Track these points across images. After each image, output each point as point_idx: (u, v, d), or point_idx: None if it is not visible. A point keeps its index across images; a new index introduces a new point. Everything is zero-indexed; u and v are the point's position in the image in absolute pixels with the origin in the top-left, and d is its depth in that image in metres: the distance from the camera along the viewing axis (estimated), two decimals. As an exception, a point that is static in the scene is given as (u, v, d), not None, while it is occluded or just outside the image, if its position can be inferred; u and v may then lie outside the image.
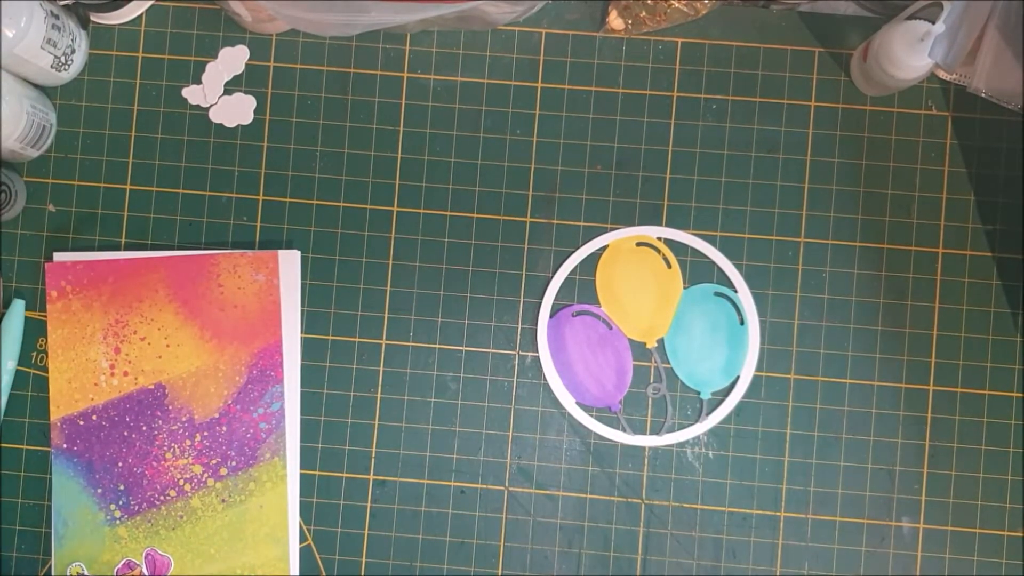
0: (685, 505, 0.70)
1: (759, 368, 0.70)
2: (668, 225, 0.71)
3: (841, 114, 0.71)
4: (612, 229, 0.71)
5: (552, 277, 0.71)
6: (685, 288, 0.71)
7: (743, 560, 0.70)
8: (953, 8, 0.63)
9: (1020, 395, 0.70)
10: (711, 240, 0.71)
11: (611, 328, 0.71)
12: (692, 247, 0.71)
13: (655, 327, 0.71)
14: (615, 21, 0.71)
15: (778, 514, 0.70)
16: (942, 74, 0.70)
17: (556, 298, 0.71)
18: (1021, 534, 0.69)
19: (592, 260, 0.71)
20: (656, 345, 0.71)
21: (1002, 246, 0.71)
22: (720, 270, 0.71)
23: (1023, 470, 0.70)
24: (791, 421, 0.70)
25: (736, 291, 0.70)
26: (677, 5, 0.70)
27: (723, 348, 0.70)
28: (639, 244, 0.71)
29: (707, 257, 0.71)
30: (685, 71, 0.72)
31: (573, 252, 0.71)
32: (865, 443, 0.70)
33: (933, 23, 0.62)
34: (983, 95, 0.67)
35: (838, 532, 0.70)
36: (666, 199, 0.71)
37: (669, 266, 0.71)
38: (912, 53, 0.64)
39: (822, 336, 0.71)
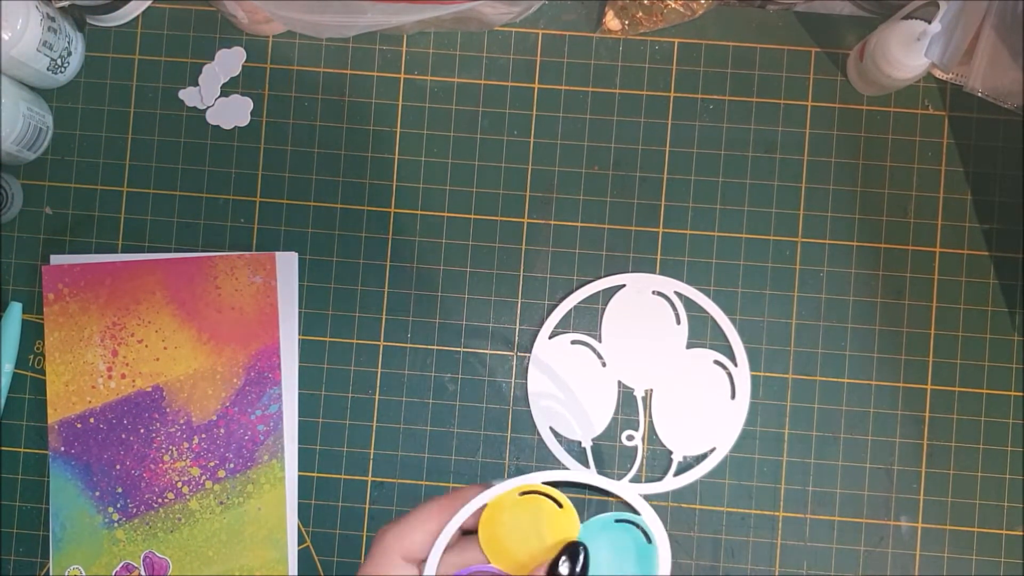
0: (683, 505, 0.70)
1: (756, 368, 0.70)
2: (666, 227, 0.71)
3: (838, 114, 0.72)
4: (610, 227, 0.71)
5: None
6: (583, 523, 0.61)
7: (742, 560, 0.70)
8: (949, 8, 0.63)
9: (1018, 394, 0.70)
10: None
11: None
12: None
13: None
14: (612, 22, 0.71)
15: (776, 514, 0.70)
16: (939, 73, 0.70)
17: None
18: (1020, 533, 0.69)
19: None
20: None
21: (999, 245, 0.71)
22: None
23: (1022, 469, 0.70)
24: (789, 421, 0.70)
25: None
26: (674, 5, 0.70)
27: (632, 569, 0.65)
28: (522, 494, 0.59)
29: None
30: (682, 71, 0.72)
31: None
32: (863, 442, 0.70)
33: (929, 23, 0.62)
34: (980, 94, 0.67)
35: (836, 532, 0.70)
36: (663, 199, 0.71)
37: (561, 506, 0.59)
38: (908, 53, 0.64)
39: (820, 336, 0.71)
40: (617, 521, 0.63)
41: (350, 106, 0.72)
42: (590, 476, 0.67)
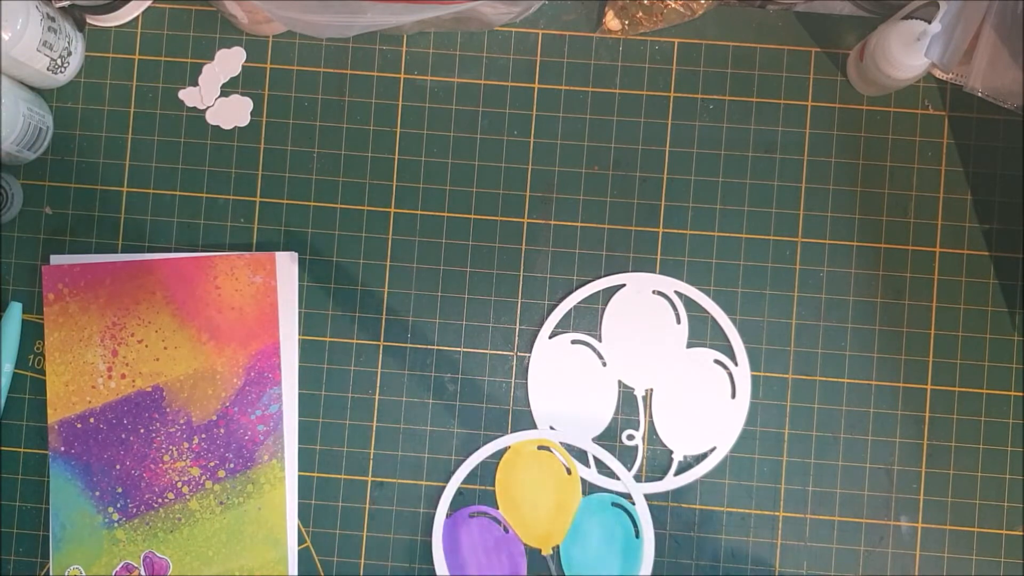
0: (683, 505, 0.70)
1: (756, 368, 0.71)
2: (666, 227, 0.71)
3: (838, 114, 0.72)
4: (610, 227, 0.71)
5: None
6: (583, 496, 0.69)
7: (742, 560, 0.70)
8: (949, 8, 0.63)
9: (1018, 394, 0.70)
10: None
11: (507, 532, 0.69)
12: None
13: (552, 534, 0.69)
14: (612, 22, 0.71)
15: (777, 514, 0.70)
16: (939, 73, 0.70)
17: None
18: (1020, 533, 0.69)
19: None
20: (552, 552, 0.69)
21: (999, 245, 0.71)
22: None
23: (1022, 469, 0.70)
24: (789, 421, 0.70)
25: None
26: (674, 5, 0.70)
27: (616, 560, 0.69)
28: (540, 448, 0.69)
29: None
30: (682, 71, 0.72)
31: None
32: (863, 442, 0.70)
33: (929, 23, 0.62)
34: (979, 94, 0.67)
35: (836, 532, 0.70)
36: (663, 199, 0.71)
37: (569, 473, 0.69)
38: (908, 53, 0.64)
39: (820, 336, 0.71)
40: (613, 504, 0.68)
41: (350, 106, 0.72)
42: (604, 454, 0.70)
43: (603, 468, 0.70)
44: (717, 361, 0.70)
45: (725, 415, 0.70)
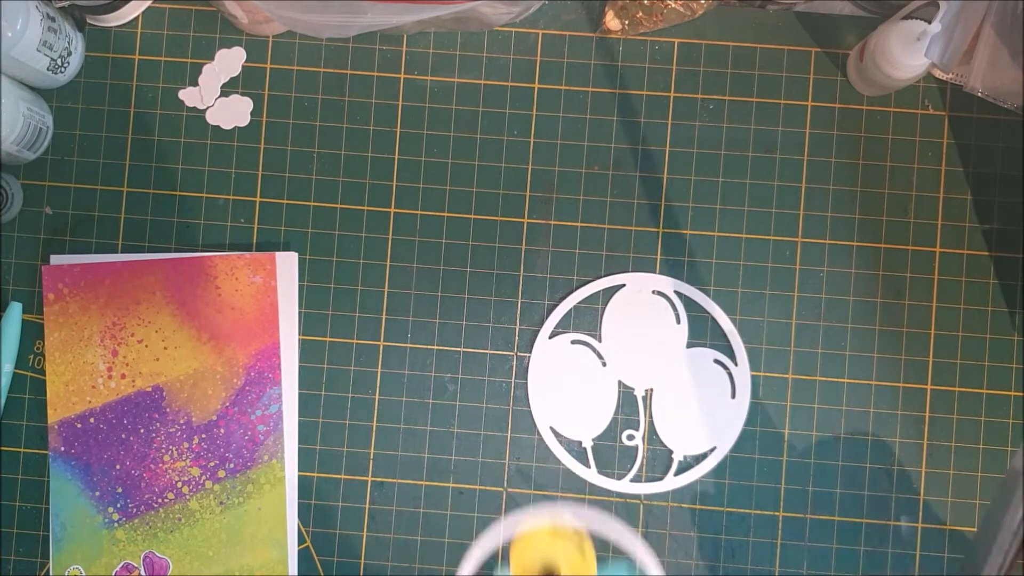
0: (683, 505, 0.70)
1: (756, 368, 0.71)
2: (666, 227, 0.71)
3: (838, 114, 0.72)
4: (610, 227, 0.71)
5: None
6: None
7: (742, 560, 0.70)
8: (949, 8, 0.63)
9: (1018, 394, 0.70)
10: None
11: None
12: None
13: None
14: (612, 22, 0.71)
15: (777, 514, 0.70)
16: (939, 73, 0.70)
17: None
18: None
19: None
20: None
21: (999, 245, 0.71)
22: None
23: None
24: (789, 421, 0.70)
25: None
26: (674, 5, 0.70)
27: None
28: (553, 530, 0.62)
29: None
30: (682, 71, 0.72)
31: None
32: (863, 442, 0.70)
33: (929, 23, 0.62)
34: (979, 94, 0.67)
35: (836, 532, 0.70)
36: (663, 199, 0.71)
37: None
38: (909, 53, 0.64)
39: (820, 336, 0.71)
40: None
41: (350, 106, 0.72)
42: (616, 526, 0.63)
43: (603, 468, 0.70)
44: (717, 361, 0.70)
45: (725, 415, 0.70)
